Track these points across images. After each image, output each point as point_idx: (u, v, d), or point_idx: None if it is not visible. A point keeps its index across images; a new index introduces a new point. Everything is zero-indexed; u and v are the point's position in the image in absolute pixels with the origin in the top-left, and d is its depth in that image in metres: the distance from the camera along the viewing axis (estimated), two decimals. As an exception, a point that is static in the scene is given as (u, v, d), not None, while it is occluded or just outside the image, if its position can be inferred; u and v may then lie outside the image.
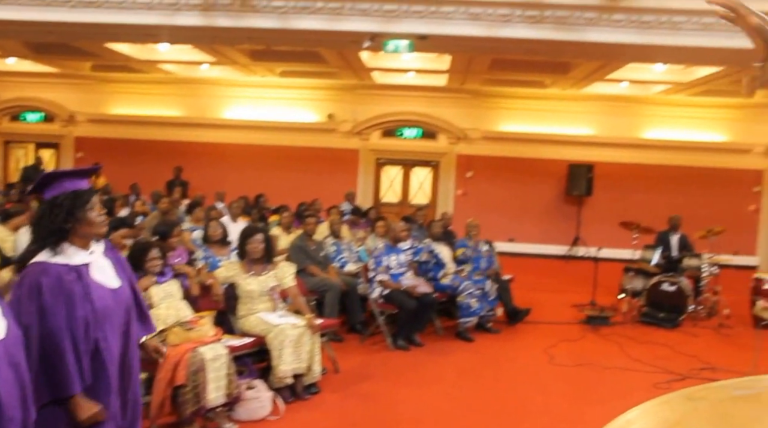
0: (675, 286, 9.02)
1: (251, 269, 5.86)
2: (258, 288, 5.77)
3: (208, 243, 7.24)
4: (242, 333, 5.59)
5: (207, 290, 5.79)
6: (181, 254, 6.42)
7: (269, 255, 6.00)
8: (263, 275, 5.85)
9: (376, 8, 9.00)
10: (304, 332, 5.49)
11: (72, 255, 2.80)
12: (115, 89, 16.29)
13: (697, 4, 8.50)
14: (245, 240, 5.89)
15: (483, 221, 10.84)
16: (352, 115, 15.95)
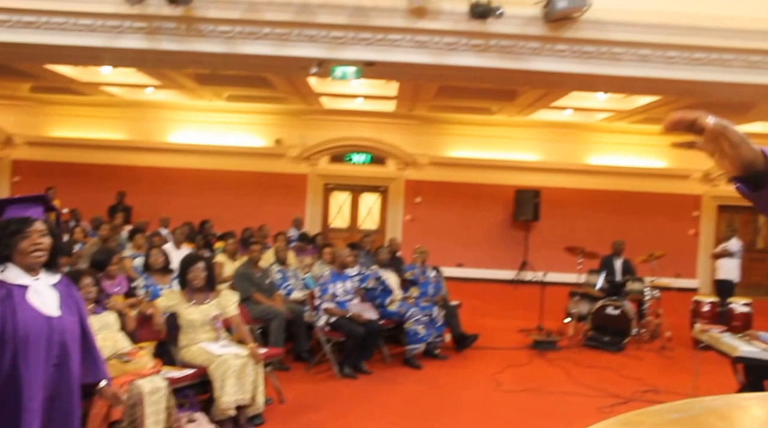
0: (619, 310, 9.16)
1: (193, 298, 5.72)
2: (200, 317, 5.64)
3: (150, 271, 7.07)
4: (183, 364, 5.44)
5: (147, 320, 5.63)
6: (121, 282, 6.24)
7: (211, 283, 5.87)
8: (205, 304, 5.72)
9: (323, 35, 9.00)
10: (247, 362, 5.37)
11: (15, 275, 2.86)
12: (56, 111, 15.90)
13: (634, 36, 8.75)
14: (186, 269, 5.75)
15: (432, 246, 10.87)
16: (301, 140, 15.90)
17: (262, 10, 8.79)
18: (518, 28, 8.72)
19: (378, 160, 16.21)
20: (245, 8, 8.78)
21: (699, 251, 15.96)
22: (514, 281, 15.31)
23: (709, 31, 8.71)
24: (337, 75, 9.59)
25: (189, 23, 8.85)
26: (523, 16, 8.60)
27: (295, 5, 8.73)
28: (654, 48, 8.87)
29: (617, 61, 8.99)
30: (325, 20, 8.85)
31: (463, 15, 8.46)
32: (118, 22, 8.85)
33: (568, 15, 8.45)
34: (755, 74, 9.03)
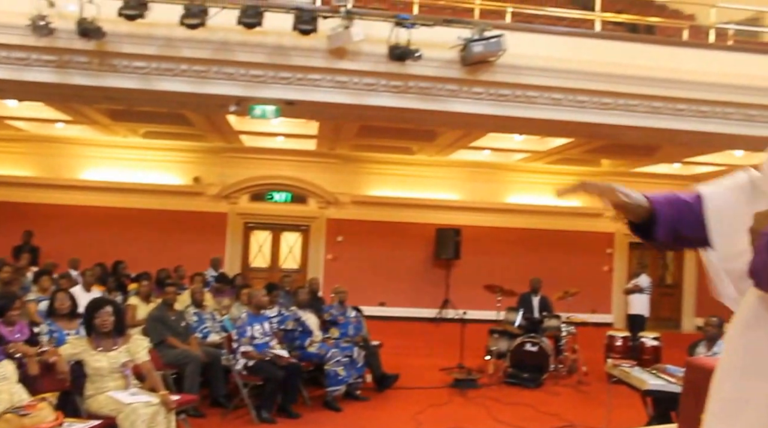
0: (537, 347, 9.29)
1: (100, 344, 5.47)
2: (108, 364, 5.39)
3: (54, 315, 6.72)
4: (89, 415, 5.17)
5: (50, 368, 5.34)
6: (22, 329, 5.90)
7: (120, 328, 5.64)
8: (114, 350, 5.48)
9: (242, 73, 8.94)
10: (158, 410, 5.15)
11: None
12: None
13: (547, 81, 9.07)
14: (93, 314, 5.50)
15: (353, 285, 10.81)
16: (220, 178, 15.65)
17: (179, 47, 8.67)
18: (436, 71, 8.89)
19: (299, 198, 16.10)
20: (162, 44, 8.64)
21: (613, 287, 16.43)
22: (436, 319, 15.36)
23: (617, 77, 9.13)
24: (257, 114, 9.53)
25: (102, 58, 8.64)
26: (441, 59, 8.78)
27: (213, 43, 8.66)
28: (566, 92, 9.20)
29: (531, 105, 9.27)
30: (244, 58, 8.80)
31: (382, 57, 8.57)
32: (24, 54, 8.54)
33: (484, 59, 8.67)
34: (658, 119, 9.50)
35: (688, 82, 9.22)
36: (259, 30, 8.43)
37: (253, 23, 8.33)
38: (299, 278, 14.45)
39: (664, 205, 1.47)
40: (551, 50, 9.11)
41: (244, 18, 8.30)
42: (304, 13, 8.52)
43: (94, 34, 8.11)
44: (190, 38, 8.53)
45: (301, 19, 8.41)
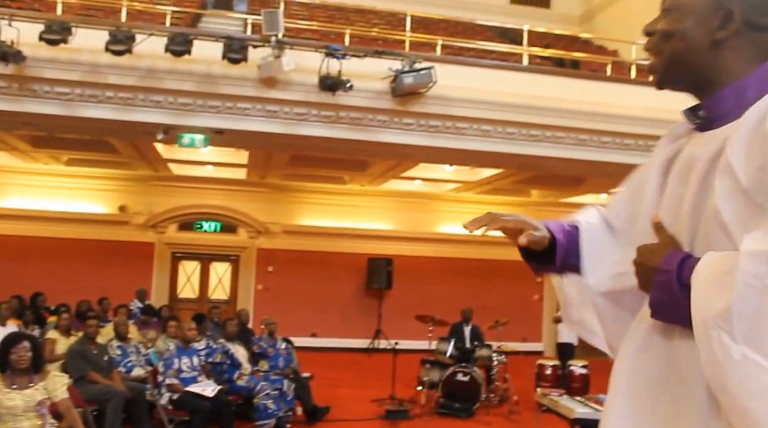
0: (468, 376, 9.29)
1: (14, 382, 5.20)
2: (22, 403, 5.11)
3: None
4: (1, 458, 4.90)
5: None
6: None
7: (38, 364, 5.38)
8: (30, 388, 5.21)
9: (170, 101, 8.81)
10: (76, 451, 4.92)
11: None
12: None
13: (477, 113, 9.24)
14: (8, 350, 5.23)
15: (285, 316, 10.66)
16: (147, 207, 15.29)
17: (104, 73, 8.49)
18: (367, 101, 8.95)
19: (229, 228, 15.86)
20: (86, 70, 8.44)
21: (543, 315, 16.67)
22: (368, 349, 15.27)
23: (544, 110, 9.37)
24: (185, 142, 9.39)
25: (21, 82, 8.36)
26: (372, 90, 8.84)
27: (140, 70, 8.51)
28: (495, 124, 9.38)
29: (462, 136, 9.41)
30: (172, 86, 8.69)
31: (313, 86, 8.57)
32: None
33: (414, 91, 8.77)
34: (584, 151, 9.78)
35: (612, 115, 9.54)
36: (188, 58, 8.35)
37: (181, 51, 8.24)
38: (228, 309, 14.20)
39: (560, 233, 1.56)
40: (481, 83, 9.29)
41: (172, 45, 8.21)
42: (234, 41, 8.48)
43: (14, 58, 7.86)
44: (116, 65, 8.37)
45: (230, 47, 8.36)
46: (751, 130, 1.14)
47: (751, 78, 1.25)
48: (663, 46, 1.34)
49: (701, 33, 1.28)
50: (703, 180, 1.22)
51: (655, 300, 1.21)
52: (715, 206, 1.15)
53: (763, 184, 1.09)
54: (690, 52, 1.30)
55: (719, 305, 1.03)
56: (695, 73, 1.31)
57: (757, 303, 1.00)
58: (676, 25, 1.31)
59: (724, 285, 1.03)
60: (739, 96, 1.24)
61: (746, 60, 1.26)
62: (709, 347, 1.04)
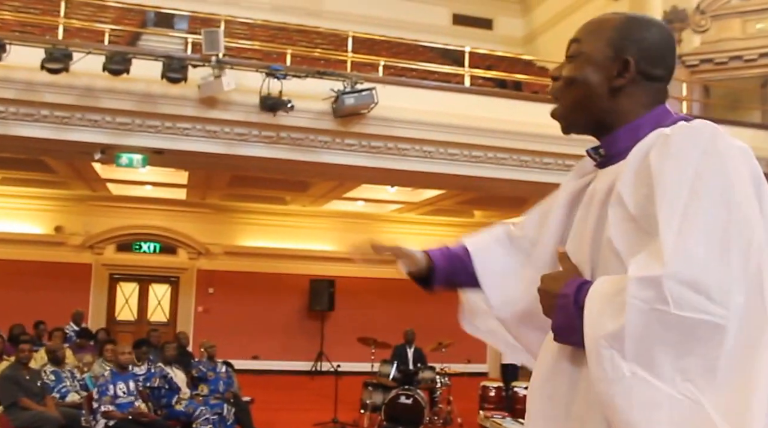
0: (411, 399, 9.22)
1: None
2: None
3: None
4: None
5: None
6: None
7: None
8: (-46, 417, 5.02)
9: (108, 120, 8.66)
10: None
11: None
12: None
13: (419, 133, 9.32)
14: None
15: (225, 338, 10.49)
16: (84, 228, 14.92)
17: (40, 92, 8.31)
18: (309, 122, 8.95)
19: (168, 249, 15.59)
20: (21, 88, 8.25)
21: (488, 336, 16.75)
22: (311, 372, 15.13)
23: (486, 131, 9.51)
24: (123, 162, 9.23)
25: (-47, 100, 8.12)
26: (314, 111, 8.85)
27: (77, 89, 8.36)
28: (437, 145, 9.47)
29: (403, 157, 9.48)
30: (110, 105, 8.56)
31: (254, 107, 8.54)
32: None
33: (355, 111, 8.81)
34: (527, 172, 9.94)
35: (553, 136, 9.67)
36: (127, 77, 8.23)
37: (119, 70, 8.13)
38: (168, 332, 13.89)
39: (440, 258, 1.71)
40: (423, 103, 9.39)
41: (111, 64, 8.10)
42: (174, 61, 8.40)
43: (-56, 75, 7.63)
44: (53, 83, 8.21)
45: (170, 67, 8.28)
46: (638, 162, 1.25)
47: (644, 119, 1.37)
48: (565, 92, 1.43)
49: (600, 80, 1.38)
50: (600, 212, 1.32)
51: (556, 323, 1.29)
52: (608, 235, 1.25)
53: (647, 211, 1.18)
54: (590, 98, 1.39)
55: (611, 326, 1.12)
56: (596, 117, 1.41)
57: (645, 325, 1.09)
58: (578, 72, 1.40)
59: (616, 307, 1.12)
60: (633, 135, 1.34)
61: (642, 105, 1.39)
62: (600, 364, 1.12)
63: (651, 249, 1.14)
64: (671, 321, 1.08)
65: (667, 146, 1.21)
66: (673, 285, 1.08)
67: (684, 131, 1.22)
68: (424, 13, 16.46)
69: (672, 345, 1.08)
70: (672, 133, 1.23)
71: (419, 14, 16.33)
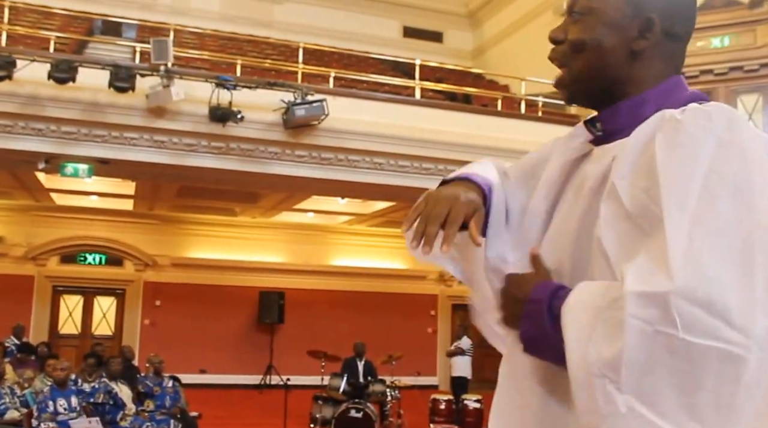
0: (361, 412, 9.18)
1: None
2: None
3: None
4: None
5: None
6: None
7: None
8: None
9: (53, 129, 8.49)
10: None
11: None
12: None
13: (370, 145, 9.35)
14: None
15: (173, 352, 10.32)
16: (26, 239, 14.53)
17: (-19, 100, 8.09)
18: (258, 133, 8.92)
19: (114, 260, 15.28)
20: (-39, 96, 8.02)
21: (438, 349, 16.80)
22: (260, 386, 14.95)
23: (436, 144, 9.61)
24: (68, 172, 9.06)
25: None
26: (264, 122, 8.82)
27: (21, 96, 8.20)
28: (388, 157, 9.52)
29: (354, 168, 9.50)
30: (55, 114, 8.41)
31: (203, 117, 8.47)
32: None
33: (306, 123, 8.81)
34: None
35: (503, 149, 9.80)
36: (73, 85, 8.10)
37: (65, 78, 8.00)
38: (113, 345, 13.58)
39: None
40: (373, 115, 9.43)
41: (56, 72, 7.97)
42: (121, 70, 8.29)
43: None
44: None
45: (117, 76, 8.18)
46: (638, 149, 1.07)
47: (652, 93, 1.17)
48: (573, 57, 1.21)
49: (617, 43, 1.17)
50: (590, 201, 1.14)
51: (525, 333, 1.11)
52: (598, 233, 1.07)
53: (647, 208, 1.01)
54: (604, 64, 1.18)
55: (607, 352, 0.93)
56: (607, 87, 1.20)
57: (647, 352, 0.91)
58: (590, 34, 1.18)
59: (609, 326, 0.95)
60: (637, 111, 1.16)
61: (657, 72, 1.19)
62: (590, 396, 0.94)
63: (652, 256, 0.95)
64: (679, 347, 0.90)
65: (676, 133, 1.03)
66: (682, 305, 0.90)
67: (697, 116, 1.04)
68: (374, 26, 16.53)
69: (679, 376, 0.90)
70: (683, 118, 1.04)
71: (370, 26, 16.39)
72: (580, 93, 1.24)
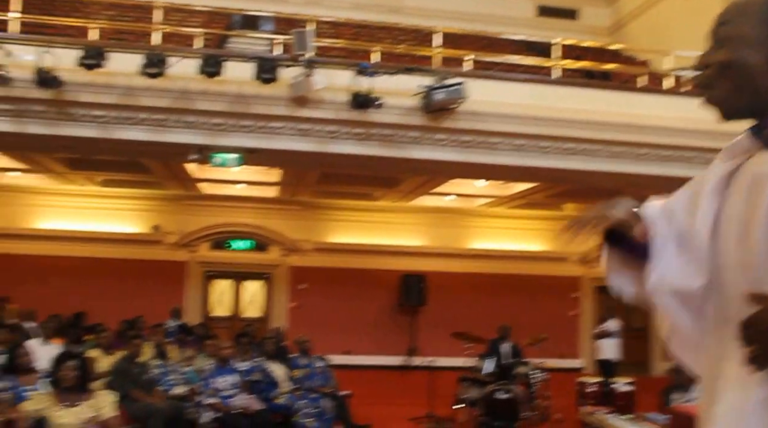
0: (508, 394, 9.09)
1: (64, 399, 5.26)
2: (73, 420, 5.19)
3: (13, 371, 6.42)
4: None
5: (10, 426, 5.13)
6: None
7: (84, 382, 5.45)
8: (78, 405, 5.27)
9: (203, 121, 8.87)
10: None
11: None
12: None
13: (509, 127, 9.16)
14: (56, 367, 5.33)
15: (318, 334, 10.62)
16: (179, 227, 15.41)
17: (138, 96, 8.59)
18: (398, 118, 8.92)
19: (261, 246, 15.93)
20: (121, 93, 8.55)
21: (581, 331, 16.41)
22: (402, 367, 15.16)
23: (577, 123, 9.25)
24: (217, 162, 9.43)
25: (59, 107, 8.49)
26: (403, 107, 8.82)
27: (173, 92, 8.59)
28: (528, 138, 9.29)
29: (494, 150, 9.34)
30: (204, 107, 8.75)
31: (344, 104, 8.57)
32: (-22, 105, 8.38)
33: (445, 106, 8.73)
34: (620, 163, 9.63)
35: (647, 126, 9.38)
36: (220, 79, 8.40)
37: (213, 72, 8.31)
38: (262, 327, 14.19)
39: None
40: (512, 97, 9.23)
41: (205, 67, 8.28)
42: (265, 62, 8.53)
43: (52, 83, 7.99)
44: (150, 87, 8.45)
45: (262, 68, 8.41)
46: None
47: None
48: (721, 78, 1.38)
49: (760, 59, 1.34)
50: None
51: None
52: None
53: None
54: (752, 79, 1.35)
55: None
56: (758, 98, 1.36)
57: None
58: (734, 55, 1.36)
59: None
60: None
61: None
62: None
63: None
64: None
65: None
66: None
67: None
68: (507, 6, 16.16)
69: None
70: None
71: (502, 7, 16.04)
72: (734, 107, 1.39)
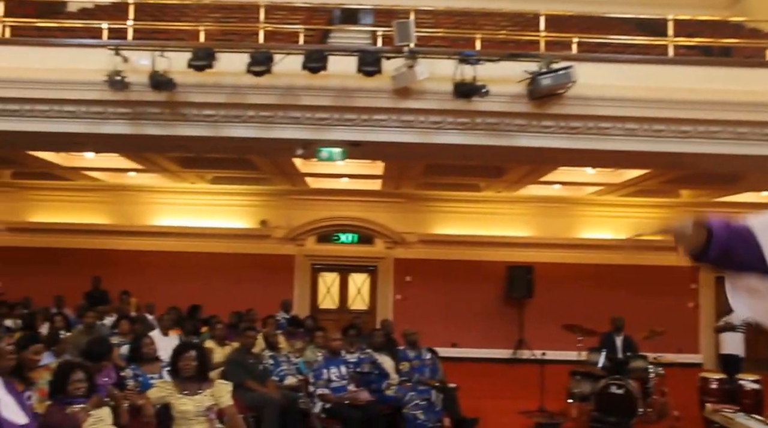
0: (623, 389, 8.76)
1: (185, 388, 5.46)
2: (193, 408, 5.37)
3: (138, 360, 6.72)
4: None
5: (137, 412, 5.38)
6: (110, 373, 5.96)
7: (203, 372, 5.64)
8: (199, 394, 5.46)
9: (308, 116, 8.99)
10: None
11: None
12: (36, 197, 15.63)
13: (621, 111, 8.77)
14: (177, 357, 5.54)
15: (424, 326, 10.56)
16: (286, 221, 15.74)
17: (246, 94, 8.80)
18: (504, 106, 8.73)
19: (366, 239, 16.05)
20: (229, 92, 8.78)
21: (700, 325, 15.63)
22: (510, 360, 14.93)
23: (695, 104, 8.74)
24: (323, 156, 9.55)
25: (173, 108, 8.82)
26: (508, 94, 8.63)
27: (279, 88, 8.75)
28: (641, 122, 8.87)
29: (604, 136, 8.98)
30: (309, 102, 8.87)
31: (447, 94, 8.47)
32: (101, 109, 8.81)
33: (552, 92, 8.48)
34: (743, 146, 9.00)
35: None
36: (324, 74, 8.48)
37: (317, 67, 8.40)
38: (368, 319, 14.30)
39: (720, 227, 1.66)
40: (622, 79, 8.85)
41: (309, 63, 8.38)
42: (368, 55, 8.54)
43: (166, 85, 8.30)
44: (257, 85, 8.64)
45: (364, 61, 8.43)
46: None
47: None
48: None
49: None
50: None
51: None
52: None
53: None
54: None
55: None
56: None
57: None
58: None
59: None
60: None
61: None
62: None
63: None
64: None
65: None
66: None
67: None
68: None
69: None
70: None
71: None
72: None
